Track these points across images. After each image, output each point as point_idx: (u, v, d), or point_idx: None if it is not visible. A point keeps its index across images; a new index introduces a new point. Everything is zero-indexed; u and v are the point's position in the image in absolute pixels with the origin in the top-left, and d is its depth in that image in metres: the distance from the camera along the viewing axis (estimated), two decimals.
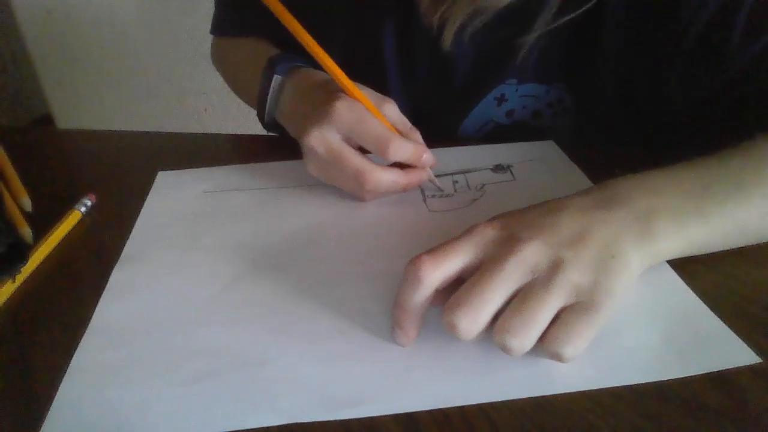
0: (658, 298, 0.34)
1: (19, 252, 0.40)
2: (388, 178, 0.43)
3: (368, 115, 0.42)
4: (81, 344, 0.34)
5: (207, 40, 0.71)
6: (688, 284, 0.35)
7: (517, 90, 0.54)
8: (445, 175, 0.48)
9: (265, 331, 0.34)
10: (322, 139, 0.42)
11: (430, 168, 0.45)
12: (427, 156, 0.44)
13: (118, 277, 0.39)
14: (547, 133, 0.54)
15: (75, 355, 0.33)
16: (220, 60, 0.71)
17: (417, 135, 0.45)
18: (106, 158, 0.57)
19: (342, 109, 0.42)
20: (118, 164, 0.55)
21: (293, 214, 0.45)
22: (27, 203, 0.47)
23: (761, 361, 0.30)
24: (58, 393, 0.31)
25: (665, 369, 0.30)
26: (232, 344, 0.33)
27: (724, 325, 0.32)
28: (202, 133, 0.59)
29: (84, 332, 0.35)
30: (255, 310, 0.35)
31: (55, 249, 0.43)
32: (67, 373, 0.32)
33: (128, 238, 0.43)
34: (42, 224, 0.44)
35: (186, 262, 0.40)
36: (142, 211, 0.46)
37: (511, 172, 0.48)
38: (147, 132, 0.61)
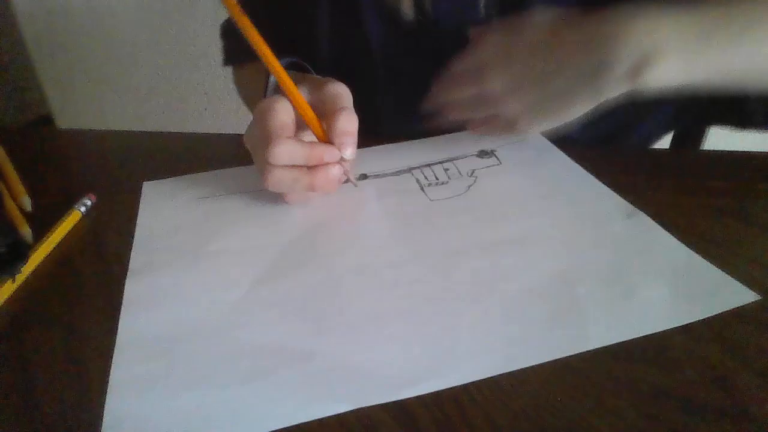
0: (657, 257, 0.37)
1: (19, 252, 0.40)
2: (287, 176, 0.41)
3: (266, 114, 0.40)
4: (114, 360, 0.32)
5: (207, 40, 0.72)
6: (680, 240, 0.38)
7: None
8: (435, 164, 0.49)
9: (303, 325, 0.34)
10: (247, 137, 0.44)
11: (349, 163, 0.43)
12: (330, 154, 0.41)
13: (133, 290, 0.38)
14: None
15: (112, 372, 0.32)
16: (237, 88, 0.71)
17: (340, 121, 0.41)
18: (106, 158, 0.57)
19: (258, 107, 0.42)
20: (118, 164, 0.55)
21: (294, 213, 0.45)
22: (27, 203, 0.47)
23: (761, 298, 0.33)
24: (105, 413, 0.29)
25: (677, 317, 0.33)
26: (273, 342, 0.33)
27: (721, 272, 0.35)
28: (203, 133, 0.59)
29: (84, 332, 0.35)
30: (286, 307, 0.36)
31: (55, 249, 0.43)
32: (108, 391, 0.31)
33: (129, 240, 0.43)
34: (42, 224, 0.44)
35: (200, 269, 0.39)
36: (138, 222, 0.45)
37: (496, 157, 0.50)
38: (147, 132, 0.61)
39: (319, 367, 0.31)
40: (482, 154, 0.50)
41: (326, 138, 0.42)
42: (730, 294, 0.34)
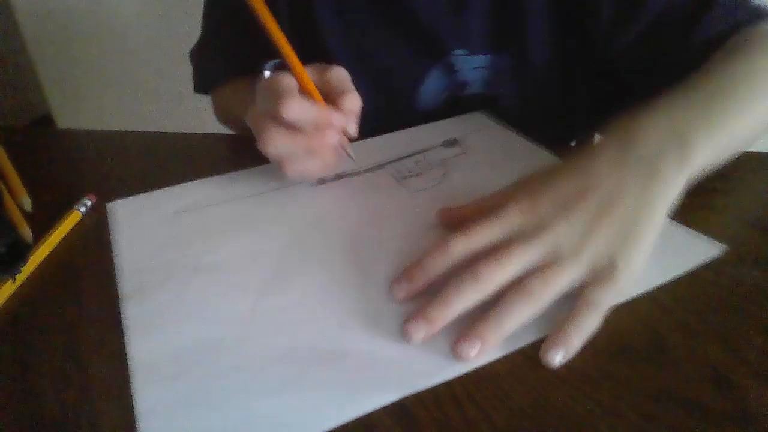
0: None
1: (19, 252, 0.40)
2: (287, 138, 0.42)
3: (274, 82, 0.42)
4: (135, 388, 0.31)
5: None
6: None
7: (466, 61, 0.58)
8: (405, 157, 0.51)
9: (324, 327, 0.34)
10: (249, 115, 0.45)
11: (344, 131, 0.45)
12: (337, 117, 0.43)
13: (133, 314, 0.36)
14: (499, 102, 0.59)
15: (136, 400, 0.30)
16: (217, 113, 0.71)
17: (346, 101, 0.43)
18: (106, 158, 0.57)
19: (262, 83, 0.44)
20: (118, 164, 0.55)
21: (281, 218, 0.44)
22: (27, 203, 0.47)
23: (727, 247, 0.36)
24: None
25: (652, 279, 0.35)
26: (299, 347, 0.32)
27: (687, 228, 0.38)
28: (202, 133, 0.60)
29: (84, 332, 0.35)
30: (301, 311, 0.35)
31: (55, 249, 0.43)
32: (138, 419, 0.29)
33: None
34: (42, 224, 0.44)
35: (199, 284, 0.38)
36: (116, 245, 0.42)
37: (460, 146, 0.52)
38: (146, 132, 0.61)
39: (355, 364, 0.31)
40: (447, 143, 0.52)
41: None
42: (698, 249, 0.37)
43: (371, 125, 0.62)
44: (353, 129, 0.44)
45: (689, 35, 0.49)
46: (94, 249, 0.43)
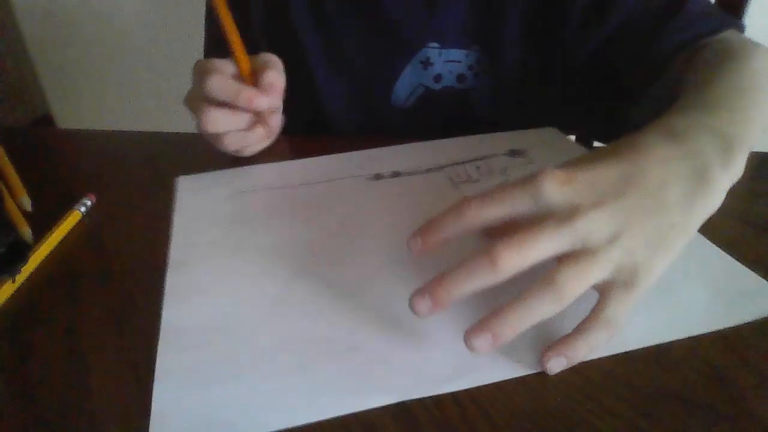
0: (693, 259, 0.37)
1: (19, 252, 0.40)
2: (220, 113, 0.46)
3: (206, 64, 0.47)
4: (160, 350, 0.33)
5: None
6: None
7: (441, 54, 0.58)
8: (466, 162, 0.50)
9: (345, 319, 0.34)
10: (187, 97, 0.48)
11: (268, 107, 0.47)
12: (258, 100, 0.45)
13: (175, 281, 0.38)
14: (472, 96, 0.59)
15: (158, 361, 0.32)
16: None
17: (266, 76, 0.46)
18: (106, 158, 0.57)
19: (201, 61, 0.48)
20: (118, 164, 0.55)
21: (328, 208, 0.45)
22: (27, 203, 0.47)
23: None
24: (153, 401, 0.30)
25: (714, 321, 0.32)
26: (316, 335, 0.33)
27: (756, 275, 0.35)
28: None
29: (84, 332, 0.35)
30: (328, 300, 0.36)
31: (55, 249, 0.43)
32: (155, 379, 0.31)
33: (129, 240, 0.43)
34: (42, 224, 0.44)
35: (238, 263, 0.40)
36: (176, 216, 0.45)
37: (528, 156, 0.50)
38: (147, 132, 0.61)
39: (363, 360, 0.32)
40: (513, 153, 0.50)
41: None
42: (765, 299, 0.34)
43: (349, 124, 0.62)
44: (267, 101, 0.46)
45: (654, 41, 0.49)
46: (94, 249, 0.43)
